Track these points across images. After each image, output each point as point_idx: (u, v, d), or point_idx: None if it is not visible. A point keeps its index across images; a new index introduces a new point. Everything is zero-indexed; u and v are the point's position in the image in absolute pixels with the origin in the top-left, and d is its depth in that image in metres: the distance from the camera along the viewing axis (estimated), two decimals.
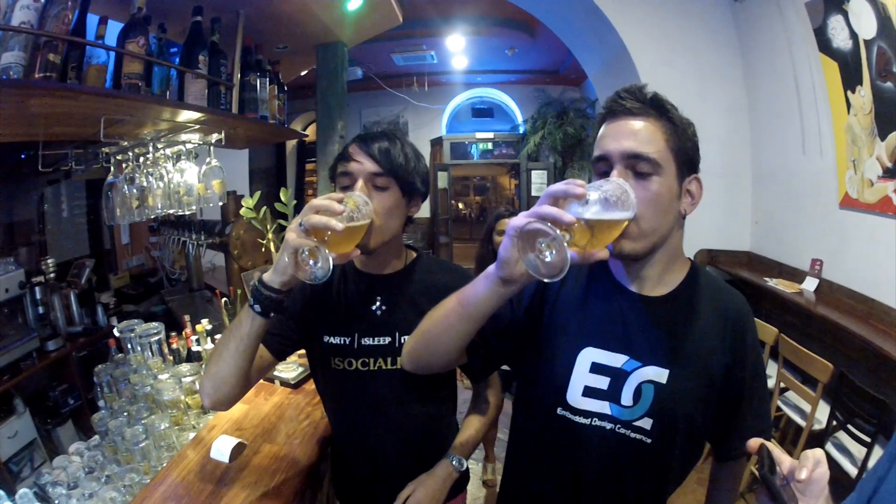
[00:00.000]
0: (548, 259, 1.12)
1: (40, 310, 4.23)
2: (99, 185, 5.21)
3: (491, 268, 1.29)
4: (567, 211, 1.15)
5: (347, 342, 1.91)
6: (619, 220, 1.25)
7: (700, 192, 1.46)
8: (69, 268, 4.86)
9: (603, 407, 1.49)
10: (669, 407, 1.45)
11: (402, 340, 1.88)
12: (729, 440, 1.62)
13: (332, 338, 1.93)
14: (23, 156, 4.01)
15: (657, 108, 1.40)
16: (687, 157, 1.42)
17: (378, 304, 1.94)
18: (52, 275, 4.34)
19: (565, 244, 1.08)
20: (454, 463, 2.00)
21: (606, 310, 1.53)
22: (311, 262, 1.44)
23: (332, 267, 1.42)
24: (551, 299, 1.61)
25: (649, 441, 1.47)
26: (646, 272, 1.50)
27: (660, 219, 1.38)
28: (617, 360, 1.48)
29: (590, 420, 1.51)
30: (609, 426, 1.49)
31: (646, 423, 1.47)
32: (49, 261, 4.39)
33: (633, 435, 1.48)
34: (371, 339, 1.91)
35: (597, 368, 1.49)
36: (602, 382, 1.49)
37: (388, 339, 1.91)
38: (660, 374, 1.45)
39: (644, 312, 1.50)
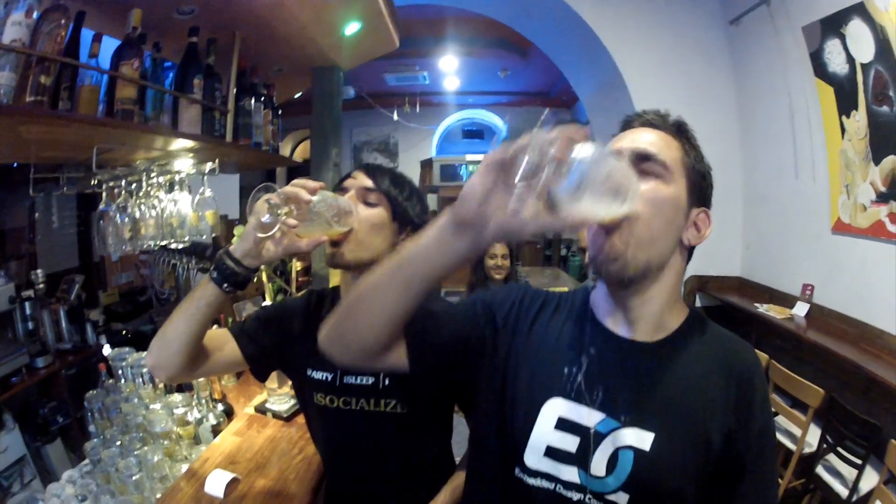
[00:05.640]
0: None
1: (30, 325, 4.18)
2: (90, 197, 5.18)
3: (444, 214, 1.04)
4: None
5: (330, 378, 1.89)
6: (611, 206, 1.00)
7: (707, 229, 1.31)
8: (59, 281, 4.81)
9: (569, 473, 1.23)
10: (652, 480, 1.19)
11: (386, 382, 1.85)
12: None
13: (315, 372, 1.91)
14: (14, 164, 3.98)
15: (677, 126, 1.33)
16: (699, 184, 1.29)
17: None
18: (41, 286, 4.30)
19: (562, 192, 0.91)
20: None
21: (585, 354, 1.29)
22: (268, 215, 1.47)
23: (279, 219, 1.46)
24: (524, 329, 1.39)
25: None
26: (639, 311, 1.27)
27: (661, 228, 1.21)
28: (590, 417, 1.23)
29: (553, 486, 1.25)
30: (577, 497, 1.23)
31: (620, 499, 1.19)
32: (39, 272, 4.35)
33: None
34: (354, 378, 1.87)
35: (564, 425, 1.25)
36: (569, 443, 1.24)
37: (370, 380, 1.86)
38: (642, 439, 1.19)
39: (631, 361, 1.26)
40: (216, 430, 2.72)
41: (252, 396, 3.07)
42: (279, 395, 2.86)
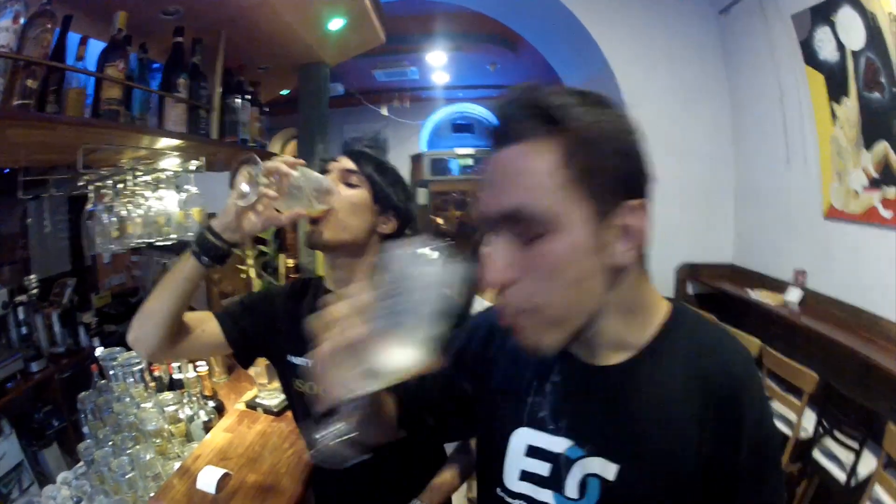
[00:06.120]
0: None
1: (24, 330, 4.19)
2: (82, 200, 5.17)
3: None
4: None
5: (308, 364, 1.88)
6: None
7: (644, 223, 1.03)
8: (51, 285, 4.81)
9: (545, 495, 1.18)
10: None
11: None
12: None
13: (294, 357, 1.92)
14: (6, 171, 3.98)
15: (547, 116, 0.98)
16: (612, 179, 1.00)
17: None
18: (34, 291, 4.30)
19: None
20: None
21: (549, 381, 1.20)
22: (248, 186, 1.52)
23: (259, 189, 1.51)
24: (484, 371, 1.34)
25: None
26: (593, 336, 1.10)
27: (569, 296, 1.02)
28: (558, 444, 1.16)
29: None
30: None
31: None
32: (32, 277, 4.35)
33: None
34: None
35: (534, 452, 1.19)
36: (542, 468, 1.18)
37: None
38: (606, 469, 1.10)
39: (594, 387, 1.14)
40: (207, 427, 2.73)
41: (242, 392, 3.08)
42: (269, 391, 2.87)
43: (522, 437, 1.21)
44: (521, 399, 1.23)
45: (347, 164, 1.85)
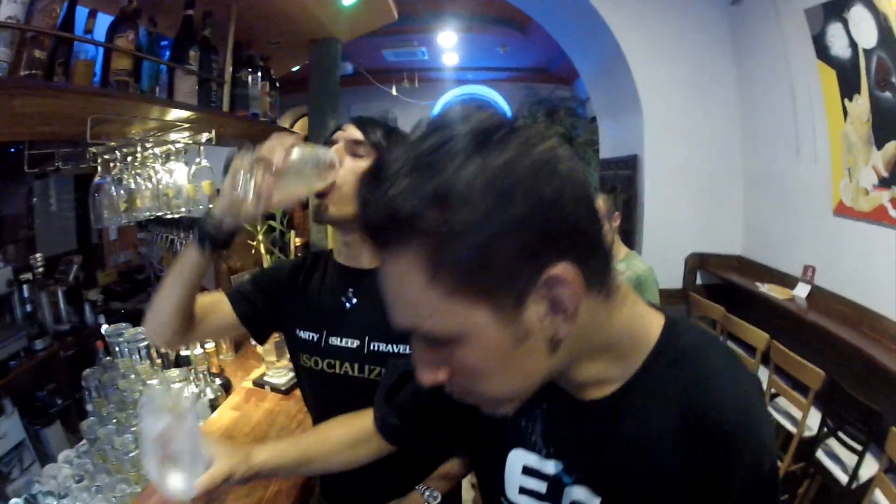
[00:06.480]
0: None
1: (28, 308, 4.17)
2: (88, 179, 5.16)
3: None
4: None
5: (315, 339, 1.87)
6: None
7: (572, 289, 0.82)
8: (57, 263, 4.79)
9: None
10: None
11: (372, 346, 1.81)
12: None
13: (302, 332, 1.90)
14: (12, 150, 3.95)
15: (397, 222, 0.79)
16: (504, 267, 0.80)
17: (349, 297, 1.87)
18: (40, 270, 4.28)
19: None
20: (425, 495, 1.89)
21: (538, 407, 1.14)
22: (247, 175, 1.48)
23: (252, 184, 1.47)
24: None
25: None
26: (573, 376, 1.01)
27: (507, 381, 0.91)
28: (550, 466, 1.13)
29: None
30: None
31: None
32: (38, 256, 4.33)
33: None
34: (338, 339, 1.84)
35: (530, 472, 1.16)
36: (539, 485, 1.15)
37: (356, 343, 1.83)
38: (591, 500, 1.06)
39: (580, 420, 1.07)
40: (214, 405, 2.70)
41: (250, 370, 3.05)
42: (277, 369, 2.84)
43: (518, 457, 1.18)
44: (514, 420, 1.18)
45: (354, 133, 1.79)
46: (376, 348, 1.79)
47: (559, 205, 0.80)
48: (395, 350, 1.79)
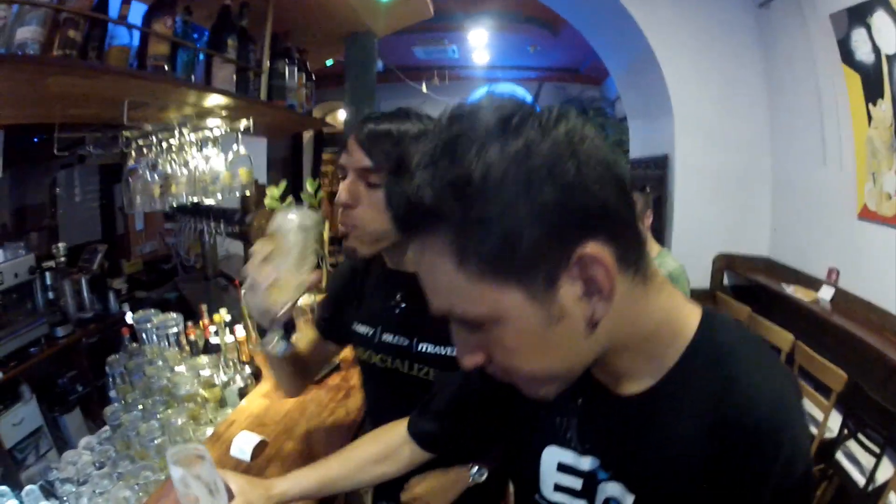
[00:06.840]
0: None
1: (50, 295, 4.18)
2: (113, 169, 5.16)
3: None
4: None
5: (370, 334, 1.89)
6: None
7: (604, 269, 0.82)
8: (81, 253, 4.80)
9: None
10: None
11: (420, 347, 1.79)
12: None
13: (359, 325, 1.93)
14: (35, 139, 3.95)
15: (425, 209, 0.81)
16: (532, 249, 0.80)
17: (398, 300, 1.86)
18: (62, 259, 4.28)
19: None
20: (472, 470, 1.88)
21: (574, 403, 1.12)
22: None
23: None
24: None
25: None
26: (612, 366, 1.01)
27: (546, 363, 0.91)
28: (586, 462, 1.10)
29: None
30: None
31: None
32: (60, 245, 4.33)
33: None
34: (391, 336, 1.84)
35: (565, 468, 1.15)
36: (574, 482, 1.13)
37: (406, 341, 1.81)
38: (625, 497, 1.03)
39: (615, 416, 1.06)
40: (242, 394, 2.66)
41: None
42: None
43: (553, 455, 1.16)
44: (548, 418, 1.17)
45: (362, 160, 1.65)
46: (424, 349, 1.77)
47: (582, 185, 0.80)
48: (443, 353, 1.77)
